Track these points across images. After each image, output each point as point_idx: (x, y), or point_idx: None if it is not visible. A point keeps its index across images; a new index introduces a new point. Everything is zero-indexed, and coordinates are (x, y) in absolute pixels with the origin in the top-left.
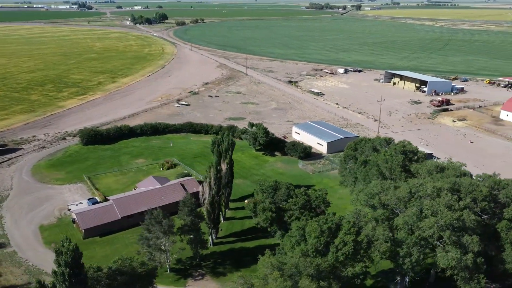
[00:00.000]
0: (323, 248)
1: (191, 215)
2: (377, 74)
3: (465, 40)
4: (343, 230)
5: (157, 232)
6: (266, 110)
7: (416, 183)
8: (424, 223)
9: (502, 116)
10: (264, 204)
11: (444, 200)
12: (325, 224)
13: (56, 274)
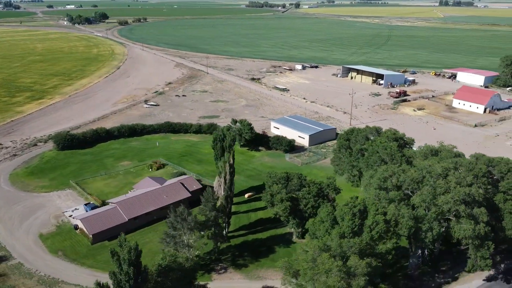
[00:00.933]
0: (357, 229)
1: (214, 210)
2: (333, 69)
3: (403, 35)
4: (371, 212)
5: (183, 229)
6: (237, 107)
7: (426, 165)
8: (441, 200)
9: (454, 104)
10: (281, 194)
11: (454, 178)
12: (354, 208)
13: (115, 274)
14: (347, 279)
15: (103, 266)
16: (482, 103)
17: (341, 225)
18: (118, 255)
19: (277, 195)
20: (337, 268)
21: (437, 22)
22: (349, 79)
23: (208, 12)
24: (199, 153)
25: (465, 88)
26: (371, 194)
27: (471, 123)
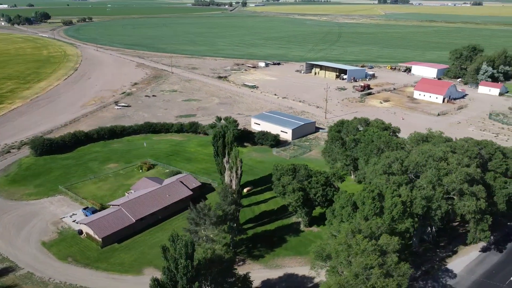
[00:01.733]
0: (379, 211)
1: (233, 203)
2: (296, 66)
3: (353, 32)
4: (388, 195)
5: (205, 224)
6: (212, 105)
7: (426, 149)
8: (447, 180)
9: (415, 96)
10: (292, 185)
11: (454, 159)
12: (372, 192)
13: (169, 270)
14: (382, 256)
15: (119, 268)
16: (441, 93)
17: (362, 209)
18: (169, 250)
19: (288, 186)
20: (372, 247)
21: (380, 19)
22: (312, 75)
23: (154, 11)
24: (186, 152)
25: (424, 80)
26: (382, 180)
27: (434, 112)
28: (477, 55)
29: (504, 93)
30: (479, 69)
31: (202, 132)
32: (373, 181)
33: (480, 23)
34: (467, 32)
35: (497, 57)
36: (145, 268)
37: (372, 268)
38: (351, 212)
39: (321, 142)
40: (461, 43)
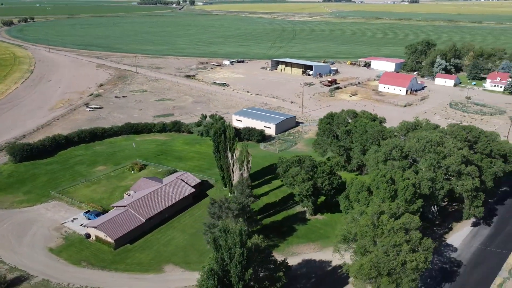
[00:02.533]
0: (393, 193)
1: (250, 195)
2: (260, 63)
3: (307, 30)
4: (398, 178)
5: (228, 217)
6: (187, 104)
7: (423, 135)
8: (447, 162)
9: (380, 89)
10: (301, 175)
11: (450, 143)
12: (384, 177)
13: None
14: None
15: (138, 268)
16: (404, 86)
17: (377, 193)
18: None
19: (297, 176)
20: (398, 225)
21: (329, 17)
22: (278, 71)
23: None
24: (174, 151)
25: (387, 74)
26: (388, 165)
27: (400, 103)
28: (430, 49)
29: (457, 84)
30: (434, 62)
31: (185, 131)
32: (379, 167)
33: (421, 19)
34: (412, 28)
35: (448, 50)
36: (164, 265)
37: (400, 245)
38: (367, 196)
39: (304, 135)
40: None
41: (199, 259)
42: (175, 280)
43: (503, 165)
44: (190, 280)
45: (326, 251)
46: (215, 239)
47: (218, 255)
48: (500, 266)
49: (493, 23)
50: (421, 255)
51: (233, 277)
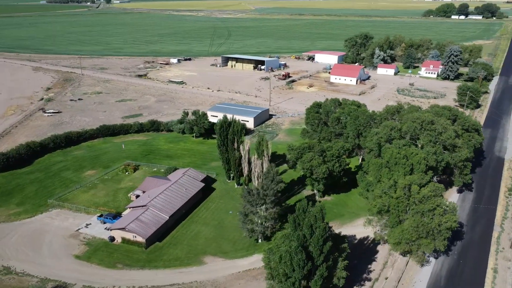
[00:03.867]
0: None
1: (280, 182)
2: (207, 60)
3: (239, 26)
4: (409, 154)
5: (266, 203)
6: (151, 104)
7: (417, 116)
8: (443, 137)
9: (332, 80)
10: (318, 160)
11: (443, 121)
12: (400, 154)
13: (304, 236)
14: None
15: (178, 263)
16: (354, 76)
17: (397, 169)
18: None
19: (313, 161)
20: (429, 193)
21: (255, 14)
22: (229, 67)
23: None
24: (160, 150)
25: (337, 66)
26: (394, 144)
27: (355, 92)
28: (368, 42)
29: (397, 73)
30: (374, 53)
31: (164, 130)
32: (387, 146)
33: (341, 15)
34: (336, 23)
35: (384, 42)
36: (202, 257)
37: (434, 209)
38: (388, 172)
39: (281, 126)
40: (338, 33)
41: (233, 248)
42: (220, 269)
43: (479, 138)
44: (235, 267)
45: (346, 227)
46: (294, 217)
47: (299, 232)
48: (493, 222)
49: (404, 17)
50: (450, 216)
51: (315, 251)
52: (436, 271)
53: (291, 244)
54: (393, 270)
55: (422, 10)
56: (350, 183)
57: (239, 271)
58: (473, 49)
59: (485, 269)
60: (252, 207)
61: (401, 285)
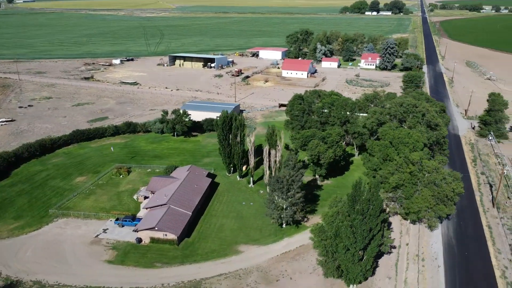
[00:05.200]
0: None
1: (300, 168)
2: (151, 60)
3: (169, 25)
4: (403, 134)
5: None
6: (112, 106)
7: (398, 101)
8: (428, 117)
9: (284, 74)
10: (322, 146)
11: (424, 104)
12: (401, 133)
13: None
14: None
15: (216, 255)
16: (305, 70)
17: (402, 148)
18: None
19: (320, 147)
20: (439, 165)
21: (179, 12)
22: (178, 66)
23: None
24: (145, 151)
25: (288, 61)
26: (388, 126)
27: (310, 85)
28: (309, 37)
29: (339, 66)
30: (316, 48)
31: (141, 131)
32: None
33: (265, 12)
34: (263, 21)
35: (323, 38)
36: (236, 247)
37: (445, 178)
38: (393, 151)
39: (255, 120)
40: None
41: (261, 235)
42: (257, 255)
43: (448, 117)
44: (271, 252)
45: None
46: (352, 195)
47: (358, 206)
48: (471, 188)
49: (323, 14)
50: (458, 183)
51: (372, 222)
52: (445, 232)
53: (348, 219)
54: (410, 237)
55: (338, 7)
56: (343, 167)
57: (276, 255)
58: (401, 41)
59: (481, 227)
60: (282, 194)
61: (421, 248)
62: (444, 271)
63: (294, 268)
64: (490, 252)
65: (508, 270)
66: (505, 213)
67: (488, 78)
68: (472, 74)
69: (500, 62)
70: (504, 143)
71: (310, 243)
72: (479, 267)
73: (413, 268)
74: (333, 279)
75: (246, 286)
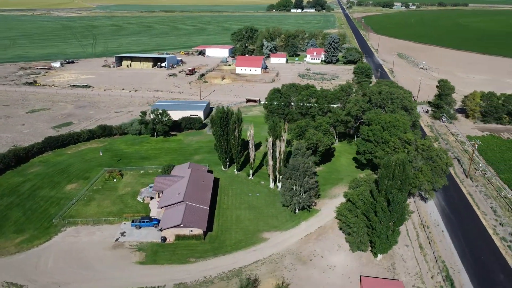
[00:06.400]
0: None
1: (310, 155)
2: (93, 61)
3: (96, 25)
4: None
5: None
6: (72, 110)
7: (375, 90)
8: (405, 102)
9: (238, 71)
10: (320, 135)
11: (399, 91)
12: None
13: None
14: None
15: (245, 244)
16: (258, 66)
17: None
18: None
19: (317, 135)
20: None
21: (100, 12)
22: (125, 67)
23: None
24: (129, 153)
25: (241, 57)
26: (375, 112)
27: (266, 80)
28: (254, 34)
29: (287, 61)
30: (263, 45)
31: (118, 133)
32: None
33: (194, 11)
34: (195, 19)
35: (267, 35)
36: (261, 234)
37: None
38: (386, 133)
39: None
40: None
41: (279, 222)
42: (283, 240)
43: (415, 101)
44: (295, 236)
45: None
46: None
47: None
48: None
49: (251, 12)
50: (448, 158)
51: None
52: (437, 202)
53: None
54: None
55: (263, 5)
56: (330, 154)
57: (300, 238)
58: (339, 36)
59: (463, 195)
60: (298, 181)
61: (423, 218)
62: (449, 234)
63: (321, 247)
64: (478, 215)
65: (497, 228)
66: (477, 181)
67: (421, 68)
68: (407, 64)
69: (425, 54)
70: (455, 123)
71: (327, 224)
72: (474, 228)
73: (422, 235)
74: (360, 253)
75: (284, 269)
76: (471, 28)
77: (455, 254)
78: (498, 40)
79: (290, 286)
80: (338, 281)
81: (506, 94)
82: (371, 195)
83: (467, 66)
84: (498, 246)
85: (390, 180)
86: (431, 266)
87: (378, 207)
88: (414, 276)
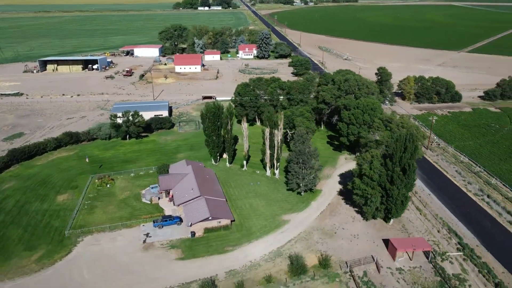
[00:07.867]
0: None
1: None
2: (8, 67)
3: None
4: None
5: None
6: (17, 120)
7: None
8: (372, 88)
9: (178, 70)
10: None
11: (364, 79)
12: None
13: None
14: None
15: (268, 229)
16: (198, 63)
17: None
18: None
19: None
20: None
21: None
22: (50, 71)
23: None
24: (107, 158)
25: (179, 56)
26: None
27: (211, 77)
28: (183, 32)
29: (221, 58)
30: (194, 43)
31: (86, 139)
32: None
33: (96, 10)
34: (102, 19)
35: (196, 33)
36: (281, 217)
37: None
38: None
39: (191, 114)
40: (118, 28)
41: (291, 205)
42: (303, 219)
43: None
44: (311, 215)
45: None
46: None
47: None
48: None
49: (158, 10)
50: (420, 129)
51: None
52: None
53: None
54: None
55: (168, 3)
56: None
57: (317, 215)
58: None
59: (431, 163)
60: (304, 165)
61: None
62: (435, 196)
63: (339, 221)
64: (449, 178)
65: (468, 186)
66: (436, 151)
67: (345, 59)
68: (330, 56)
69: (341, 46)
70: (395, 105)
71: (333, 201)
72: (452, 189)
73: (415, 200)
74: (373, 221)
75: (316, 243)
76: (368, 22)
77: (447, 211)
78: (394, 32)
79: (331, 257)
80: (366, 247)
81: (433, 77)
82: (384, 167)
83: (384, 55)
84: (475, 200)
85: (403, 152)
86: (434, 223)
87: (395, 176)
88: (425, 233)
